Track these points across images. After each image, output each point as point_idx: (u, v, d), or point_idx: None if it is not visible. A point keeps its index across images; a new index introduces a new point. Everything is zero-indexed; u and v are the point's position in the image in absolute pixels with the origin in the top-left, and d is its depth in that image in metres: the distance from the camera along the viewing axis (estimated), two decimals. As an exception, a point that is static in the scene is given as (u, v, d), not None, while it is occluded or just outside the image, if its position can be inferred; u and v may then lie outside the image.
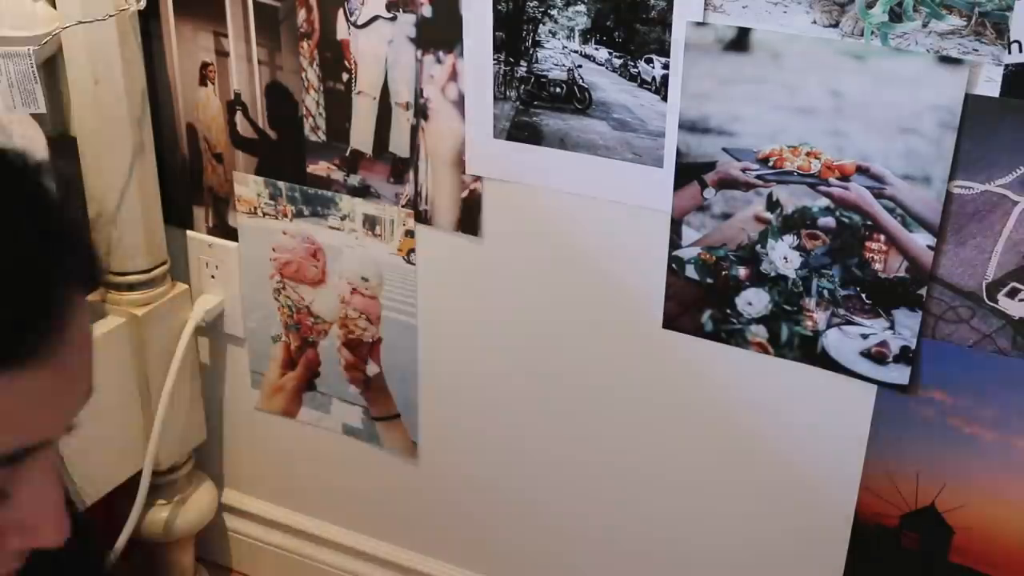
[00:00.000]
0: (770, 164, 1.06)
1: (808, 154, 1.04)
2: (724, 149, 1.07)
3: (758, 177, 1.07)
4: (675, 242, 1.14)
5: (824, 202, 1.05)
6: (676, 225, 1.13)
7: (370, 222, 1.32)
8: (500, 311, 1.30)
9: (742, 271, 1.12)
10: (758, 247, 1.10)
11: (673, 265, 1.15)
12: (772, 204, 1.07)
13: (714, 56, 1.04)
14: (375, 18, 1.21)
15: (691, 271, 1.14)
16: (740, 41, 1.02)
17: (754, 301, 1.13)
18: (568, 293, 1.24)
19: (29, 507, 0.53)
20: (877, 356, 1.08)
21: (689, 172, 1.10)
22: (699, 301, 1.15)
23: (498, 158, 1.20)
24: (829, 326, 1.09)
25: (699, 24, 1.03)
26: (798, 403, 1.16)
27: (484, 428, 1.38)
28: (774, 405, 1.17)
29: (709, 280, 1.14)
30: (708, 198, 1.10)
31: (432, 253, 1.30)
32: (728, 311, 1.14)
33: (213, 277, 1.47)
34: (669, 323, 1.18)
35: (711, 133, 1.07)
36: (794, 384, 1.14)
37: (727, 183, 1.09)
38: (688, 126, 1.08)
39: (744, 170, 1.07)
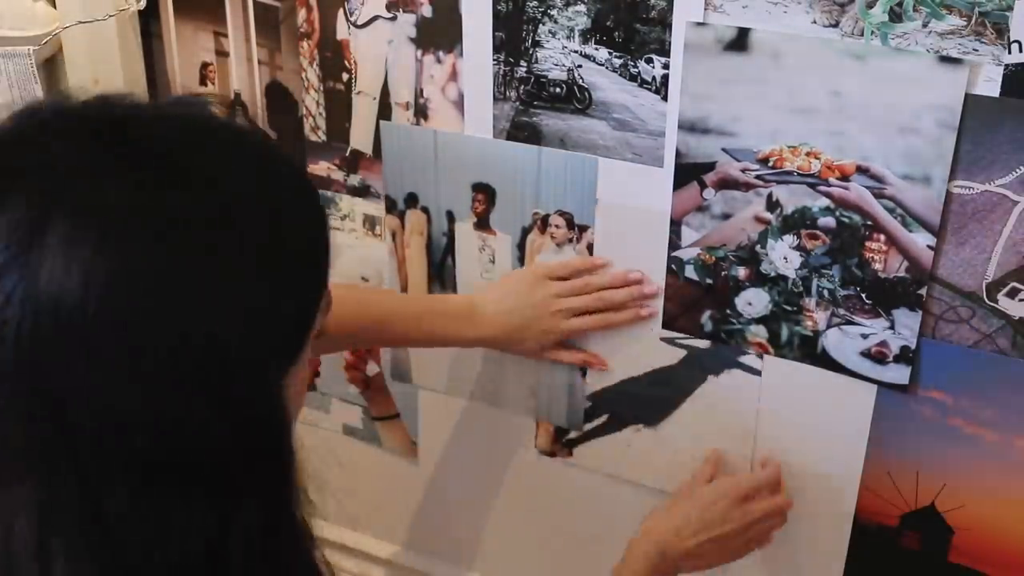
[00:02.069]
0: (770, 164, 1.06)
1: (808, 154, 1.04)
2: (724, 149, 1.07)
3: (758, 177, 1.07)
4: (674, 243, 1.14)
5: (824, 202, 1.05)
6: (675, 226, 1.13)
7: (370, 222, 1.32)
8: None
9: (742, 271, 1.12)
10: (758, 247, 1.10)
11: (672, 266, 1.15)
12: (772, 204, 1.07)
13: (714, 56, 1.04)
14: (375, 18, 1.21)
15: (690, 272, 1.14)
16: (740, 41, 1.02)
17: (754, 301, 1.13)
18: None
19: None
20: (877, 356, 1.08)
21: (689, 172, 1.10)
22: (698, 302, 1.15)
23: (498, 158, 1.20)
24: (829, 326, 1.09)
25: (699, 24, 1.03)
26: (798, 403, 1.16)
27: (484, 428, 1.38)
28: (774, 405, 1.17)
29: (708, 281, 1.14)
30: (708, 198, 1.10)
31: (432, 253, 1.30)
32: (728, 311, 1.14)
33: (213, 277, 1.46)
34: (668, 324, 1.18)
35: (711, 133, 1.07)
36: (794, 384, 1.14)
37: (727, 183, 1.09)
38: (688, 126, 1.08)
39: (744, 170, 1.07)
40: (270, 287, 0.64)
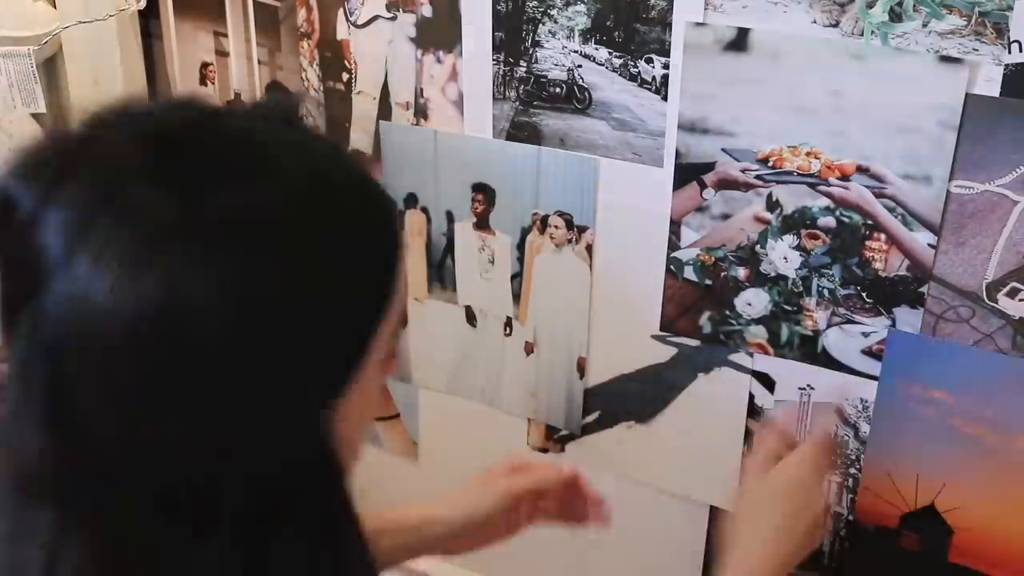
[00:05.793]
0: (770, 164, 1.06)
1: (808, 154, 1.04)
2: (724, 149, 1.07)
3: (758, 177, 1.07)
4: (674, 243, 1.14)
5: (824, 202, 1.05)
6: (675, 226, 1.13)
7: (370, 222, 1.32)
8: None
9: (741, 272, 1.12)
10: (758, 247, 1.10)
11: (671, 267, 1.15)
12: (772, 204, 1.07)
13: (714, 56, 1.04)
14: (375, 18, 1.21)
15: (689, 272, 1.14)
16: (740, 41, 1.02)
17: (754, 302, 1.13)
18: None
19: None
20: (878, 353, 1.08)
21: (689, 173, 1.10)
22: (697, 303, 1.15)
23: (498, 158, 1.20)
24: (829, 325, 1.09)
25: (699, 24, 1.03)
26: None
27: (483, 428, 1.38)
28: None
29: (708, 282, 1.14)
30: (707, 199, 1.10)
31: (432, 253, 1.30)
32: (727, 312, 1.14)
33: (213, 277, 1.46)
34: (666, 327, 1.18)
35: (711, 133, 1.07)
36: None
37: (727, 183, 1.09)
38: (688, 126, 1.08)
39: (744, 170, 1.07)
40: (309, 309, 0.56)
